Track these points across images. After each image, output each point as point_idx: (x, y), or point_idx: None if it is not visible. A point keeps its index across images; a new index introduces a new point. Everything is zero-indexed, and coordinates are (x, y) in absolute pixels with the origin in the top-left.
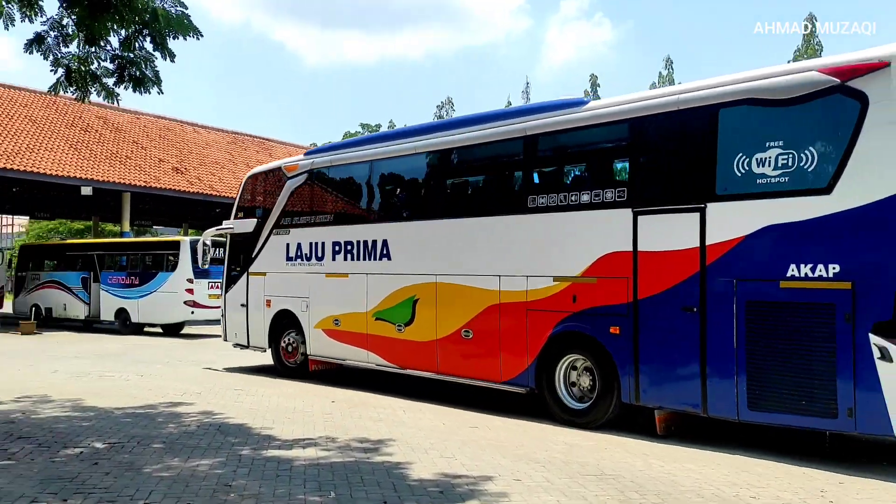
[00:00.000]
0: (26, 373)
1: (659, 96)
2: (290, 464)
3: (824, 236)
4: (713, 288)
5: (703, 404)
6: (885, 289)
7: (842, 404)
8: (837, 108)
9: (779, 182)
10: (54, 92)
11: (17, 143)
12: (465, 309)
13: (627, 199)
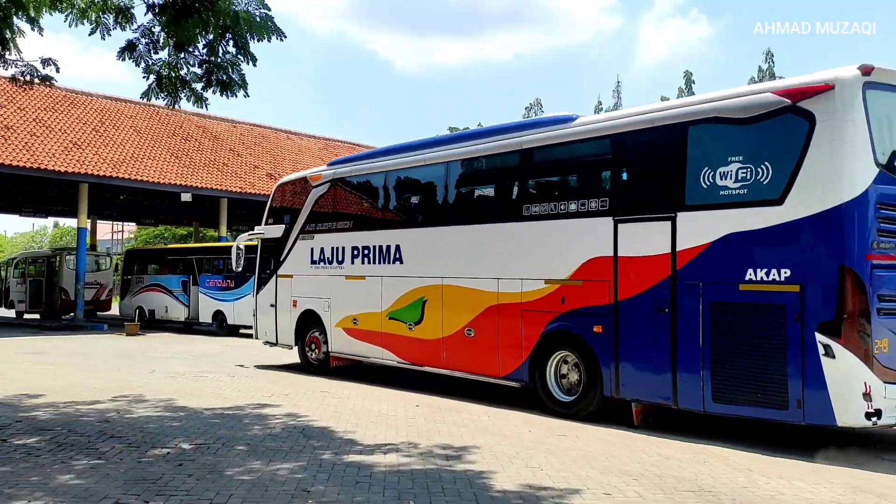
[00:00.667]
0: (126, 372)
1: (636, 114)
2: (370, 470)
3: (777, 243)
4: (682, 290)
5: (674, 397)
6: (829, 291)
7: (792, 397)
8: (789, 127)
9: (739, 193)
10: (147, 98)
11: (122, 153)
12: (467, 309)
13: (609, 208)
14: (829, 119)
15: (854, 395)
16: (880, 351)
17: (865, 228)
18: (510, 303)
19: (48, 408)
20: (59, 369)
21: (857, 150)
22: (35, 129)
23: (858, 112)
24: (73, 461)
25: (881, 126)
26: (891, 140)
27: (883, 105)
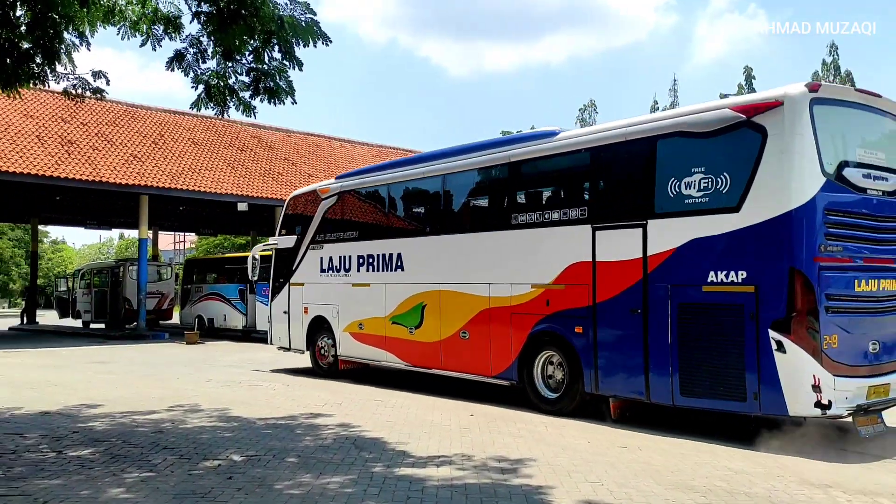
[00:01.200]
0: (184, 381)
1: (611, 129)
2: (421, 484)
3: (735, 247)
4: (653, 292)
5: (647, 392)
6: (780, 292)
7: (749, 389)
8: (744, 140)
9: (701, 202)
10: (196, 109)
11: (181, 164)
12: (462, 313)
13: (588, 216)
14: (778, 132)
15: (803, 387)
16: (829, 346)
17: (813, 233)
18: (500, 306)
19: (105, 418)
20: (120, 378)
21: (804, 160)
22: (97, 143)
23: (805, 126)
24: (125, 474)
25: (828, 138)
26: (837, 151)
27: (830, 119)
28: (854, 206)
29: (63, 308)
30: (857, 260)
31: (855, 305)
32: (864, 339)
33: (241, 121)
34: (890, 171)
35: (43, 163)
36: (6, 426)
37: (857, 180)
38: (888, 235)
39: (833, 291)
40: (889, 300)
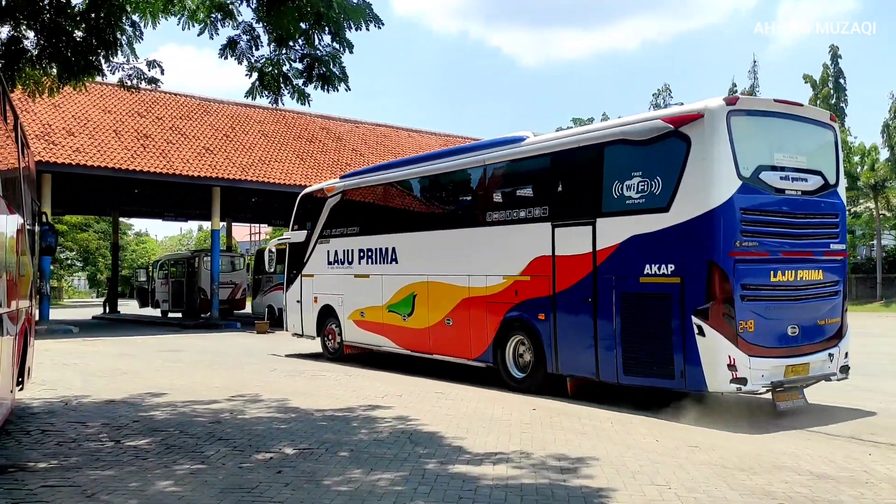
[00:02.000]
0: (249, 371)
1: (567, 136)
2: (475, 483)
3: (665, 243)
4: (601, 283)
5: (597, 372)
6: (700, 282)
7: (677, 369)
8: (672, 148)
9: (639, 203)
10: (251, 97)
11: (251, 156)
12: (447, 302)
13: (549, 215)
14: (700, 141)
15: (721, 366)
16: (745, 330)
17: (729, 230)
18: (478, 296)
19: (167, 407)
20: (188, 367)
21: (721, 166)
22: (171, 136)
23: (723, 135)
24: (176, 465)
25: (744, 146)
26: (754, 157)
27: (745, 128)
28: (771, 206)
29: (143, 298)
30: (774, 253)
31: (771, 294)
32: (782, 324)
33: (309, 112)
34: (811, 172)
35: (119, 156)
36: (72, 414)
37: (775, 182)
38: (807, 231)
39: (748, 282)
40: (808, 289)
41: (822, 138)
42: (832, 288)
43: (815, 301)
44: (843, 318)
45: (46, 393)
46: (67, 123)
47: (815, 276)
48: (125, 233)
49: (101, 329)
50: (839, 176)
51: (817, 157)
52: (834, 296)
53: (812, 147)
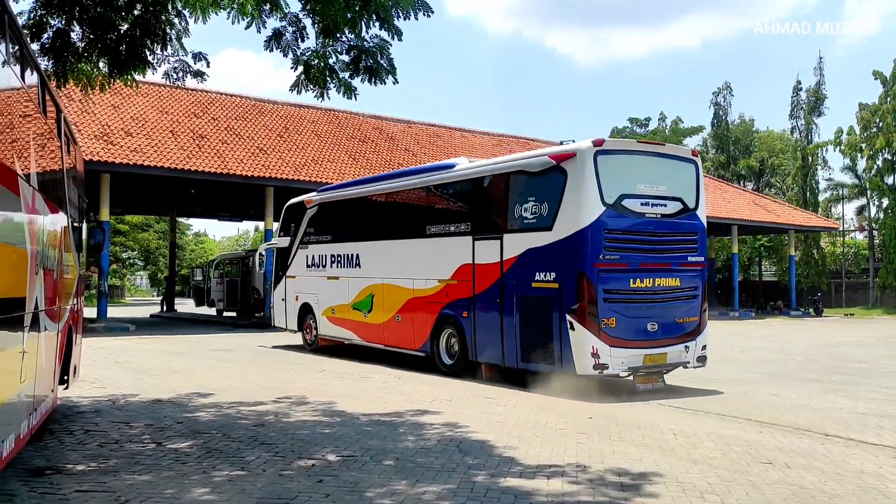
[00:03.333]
0: (297, 372)
1: (484, 165)
2: (528, 499)
3: (549, 256)
4: (506, 287)
5: (503, 359)
6: (572, 288)
7: (556, 356)
8: (555, 179)
9: (532, 222)
10: (297, 91)
11: (304, 156)
12: (397, 301)
13: (471, 230)
14: (573, 174)
15: (586, 354)
16: (607, 326)
17: (595, 246)
18: (420, 296)
19: (213, 408)
20: (237, 367)
21: (589, 194)
22: (226, 136)
23: (590, 170)
24: (215, 471)
25: (609, 178)
26: (618, 187)
27: (610, 164)
28: (631, 227)
29: (199, 296)
30: (633, 264)
31: (630, 297)
32: (643, 321)
33: (362, 112)
34: (671, 199)
35: (176, 156)
36: (118, 414)
37: (636, 207)
38: (666, 246)
39: (610, 287)
40: (667, 293)
41: (683, 170)
42: (690, 293)
43: (673, 303)
44: (701, 317)
45: (96, 391)
46: (125, 124)
47: (673, 282)
48: (183, 233)
49: (157, 327)
50: (699, 201)
51: (678, 186)
52: (692, 299)
53: (673, 178)
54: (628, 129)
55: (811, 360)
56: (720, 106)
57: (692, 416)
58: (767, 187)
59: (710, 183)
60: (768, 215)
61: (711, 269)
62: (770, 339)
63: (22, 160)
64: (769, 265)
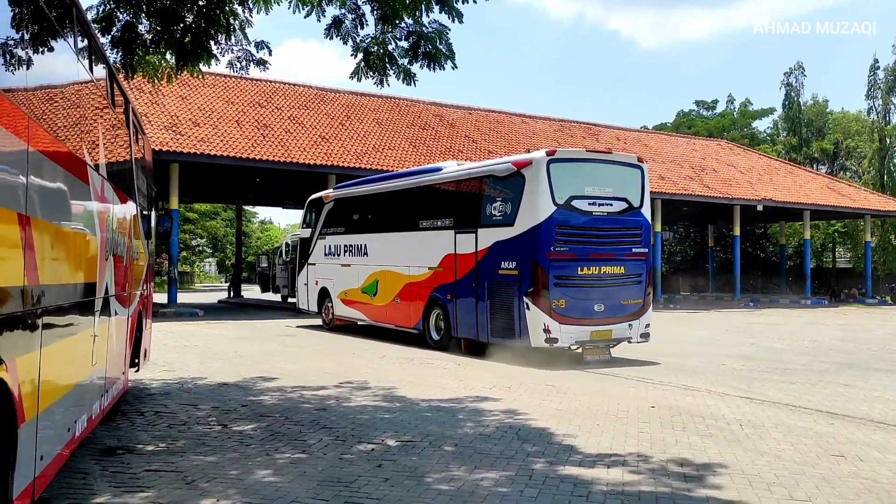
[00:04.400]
0: (359, 357)
1: (464, 169)
2: (587, 488)
3: (511, 248)
4: (479, 273)
5: (477, 335)
6: (528, 274)
7: (516, 332)
8: (516, 183)
9: (499, 219)
10: (356, 78)
11: (365, 144)
12: (395, 286)
13: (453, 225)
14: (530, 179)
15: (539, 330)
16: (558, 307)
17: (547, 239)
18: (414, 281)
19: (276, 392)
20: (300, 352)
21: (542, 196)
22: (289, 125)
23: (544, 176)
24: (278, 454)
25: (560, 181)
26: (568, 189)
27: (562, 170)
28: (581, 223)
29: (264, 283)
30: (581, 255)
31: (579, 282)
32: (589, 302)
33: (422, 100)
34: (617, 199)
35: (241, 146)
36: (186, 396)
37: (584, 207)
38: (611, 239)
39: (560, 274)
40: (612, 278)
41: (629, 175)
42: (634, 279)
43: (618, 287)
44: (644, 299)
45: (165, 374)
46: (193, 115)
47: (618, 270)
48: (250, 221)
49: (224, 312)
50: (644, 201)
51: (624, 188)
52: (636, 284)
53: (619, 181)
54: (694, 111)
55: (887, 350)
56: (792, 87)
57: (759, 406)
58: (842, 171)
59: (781, 167)
60: (843, 200)
61: (782, 255)
62: (844, 328)
63: (92, 151)
64: (843, 251)
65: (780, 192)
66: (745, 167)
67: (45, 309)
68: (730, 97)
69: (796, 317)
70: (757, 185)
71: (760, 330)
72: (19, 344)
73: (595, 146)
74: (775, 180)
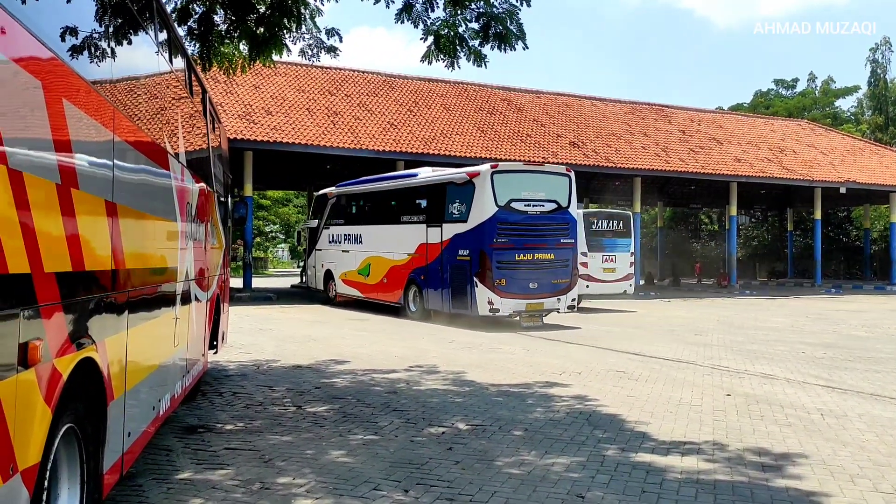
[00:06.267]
0: (427, 341)
1: (432, 177)
2: (661, 475)
3: (466, 239)
4: (444, 259)
5: (442, 306)
6: (476, 260)
7: (469, 304)
8: (469, 189)
9: (458, 216)
10: (427, 61)
11: (433, 130)
12: (383, 269)
13: (425, 220)
14: (479, 186)
15: (484, 303)
16: (499, 284)
17: (490, 233)
18: (396, 265)
19: (348, 375)
20: (371, 336)
21: (487, 199)
22: (359, 113)
23: (489, 183)
24: (351, 435)
25: (500, 188)
26: (507, 194)
27: (503, 179)
28: (517, 220)
29: None
30: (518, 245)
31: (516, 266)
32: (525, 281)
33: (491, 84)
34: (548, 201)
35: (312, 133)
36: (262, 378)
37: (520, 207)
38: (542, 232)
39: (501, 259)
40: (543, 262)
41: (558, 182)
42: (563, 263)
43: (549, 270)
44: (571, 279)
45: (242, 356)
46: (266, 103)
47: (549, 256)
48: None
49: (296, 297)
50: (570, 202)
51: (554, 192)
52: (564, 268)
53: (550, 187)
54: (773, 91)
55: None
56: (878, 63)
57: (841, 395)
58: None
59: (866, 147)
60: None
61: (866, 240)
62: None
63: (172, 139)
64: None
65: (865, 174)
66: (827, 148)
67: (130, 292)
68: (811, 75)
69: (881, 303)
70: (839, 166)
71: (843, 317)
72: (108, 326)
73: (668, 128)
74: (859, 161)
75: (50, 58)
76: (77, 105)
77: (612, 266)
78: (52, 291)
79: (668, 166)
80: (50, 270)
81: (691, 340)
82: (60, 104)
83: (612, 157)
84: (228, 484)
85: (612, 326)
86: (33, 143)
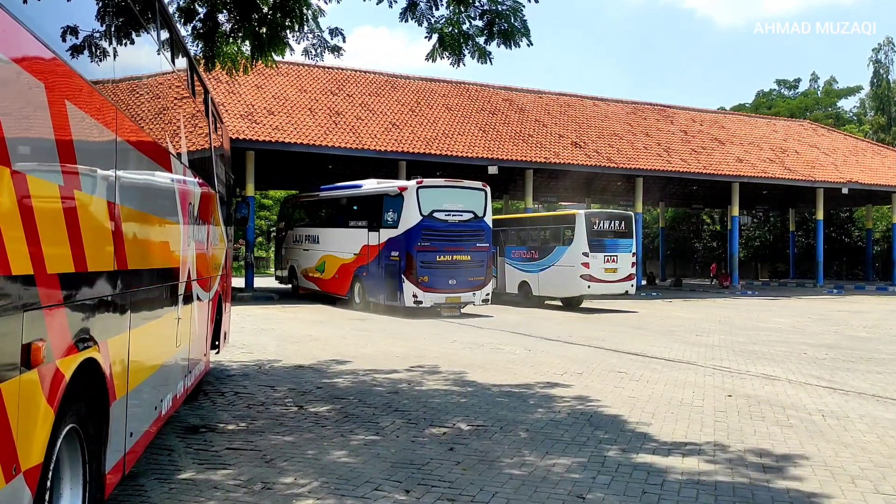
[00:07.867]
0: (429, 341)
1: (372, 188)
2: (662, 476)
3: (397, 243)
4: (380, 259)
5: (379, 298)
6: (405, 261)
7: (398, 297)
8: (399, 200)
9: (391, 223)
10: (431, 59)
11: (434, 130)
12: (334, 266)
13: (367, 225)
14: (407, 198)
15: (410, 296)
16: (423, 281)
17: (415, 238)
18: (345, 263)
19: (349, 375)
20: (373, 336)
21: (413, 210)
22: (360, 113)
23: (414, 196)
24: (353, 435)
25: (426, 200)
26: (430, 205)
27: (427, 193)
28: (439, 227)
29: None
30: (440, 248)
31: (437, 266)
32: (445, 278)
33: (493, 84)
34: (466, 211)
35: (314, 133)
36: (264, 378)
37: (442, 216)
38: (459, 237)
39: (424, 260)
40: (461, 263)
41: (475, 195)
42: (478, 264)
43: (466, 269)
44: (486, 277)
45: (244, 356)
46: (268, 103)
47: (466, 258)
48: None
49: (298, 297)
50: (486, 212)
51: (471, 204)
52: (479, 268)
53: (468, 199)
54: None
55: None
56: (881, 64)
57: (843, 396)
58: None
59: (868, 147)
60: None
61: (868, 240)
62: None
63: (174, 140)
64: None
65: (867, 174)
66: (830, 148)
67: (133, 293)
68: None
69: (883, 304)
70: (842, 166)
71: (845, 318)
72: (110, 326)
73: (670, 129)
74: (862, 162)
75: (52, 58)
76: (79, 106)
77: (614, 266)
78: (54, 292)
79: (669, 166)
80: (53, 271)
81: (692, 341)
82: (63, 105)
83: (614, 157)
84: (230, 484)
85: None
86: (36, 145)
